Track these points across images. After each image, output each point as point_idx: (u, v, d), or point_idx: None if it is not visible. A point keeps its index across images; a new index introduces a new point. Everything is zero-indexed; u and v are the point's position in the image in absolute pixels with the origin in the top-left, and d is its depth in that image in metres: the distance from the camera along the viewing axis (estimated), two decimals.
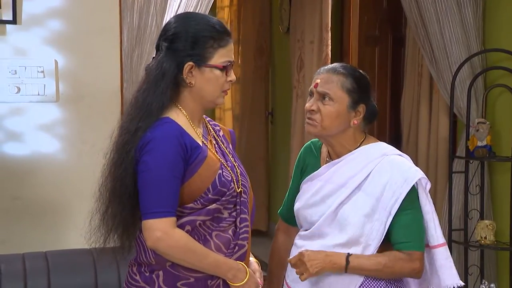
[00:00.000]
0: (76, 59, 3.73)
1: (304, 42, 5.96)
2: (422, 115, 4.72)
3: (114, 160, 2.33)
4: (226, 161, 2.44)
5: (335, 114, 2.57)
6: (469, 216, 4.25)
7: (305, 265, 2.48)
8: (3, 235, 3.66)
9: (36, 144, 3.69)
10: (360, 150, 2.63)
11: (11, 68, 3.62)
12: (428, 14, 4.27)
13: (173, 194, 2.28)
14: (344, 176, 2.60)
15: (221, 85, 2.39)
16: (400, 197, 2.51)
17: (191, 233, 2.33)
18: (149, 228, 2.26)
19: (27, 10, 3.64)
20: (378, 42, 4.81)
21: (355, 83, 2.60)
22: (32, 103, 3.67)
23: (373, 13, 4.72)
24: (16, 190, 3.67)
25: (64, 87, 3.71)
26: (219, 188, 2.34)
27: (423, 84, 4.71)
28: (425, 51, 4.36)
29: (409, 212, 2.53)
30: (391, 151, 2.64)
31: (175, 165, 2.28)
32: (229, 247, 2.38)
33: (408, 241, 2.52)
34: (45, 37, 3.68)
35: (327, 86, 2.58)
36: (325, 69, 2.64)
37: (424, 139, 4.72)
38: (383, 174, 2.56)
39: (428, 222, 2.57)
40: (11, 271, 3.08)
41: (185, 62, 2.34)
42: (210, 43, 2.34)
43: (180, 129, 2.32)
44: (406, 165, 2.59)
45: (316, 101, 2.60)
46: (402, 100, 4.89)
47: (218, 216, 2.37)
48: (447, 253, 2.60)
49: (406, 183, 2.53)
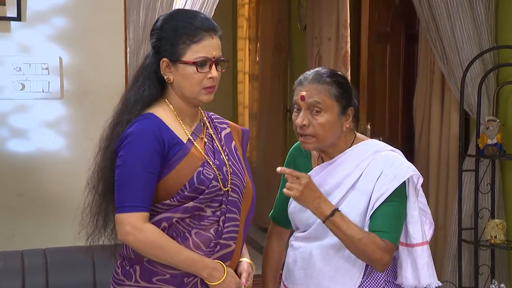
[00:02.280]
0: (80, 56, 3.73)
1: (322, 39, 5.92)
2: (434, 113, 4.67)
3: (97, 154, 2.36)
4: (215, 159, 2.41)
5: (328, 124, 2.51)
6: (480, 215, 4.19)
7: (299, 187, 2.43)
8: (8, 231, 3.69)
9: (40, 141, 3.70)
10: (352, 149, 2.59)
11: (16, 65, 3.64)
12: (439, 10, 4.21)
13: (146, 189, 2.28)
14: (338, 177, 2.56)
15: (199, 81, 2.36)
16: (386, 192, 2.47)
17: (168, 230, 2.33)
18: (120, 222, 2.28)
19: (31, 7, 3.65)
20: (390, 39, 4.75)
21: (341, 89, 2.54)
22: (37, 100, 3.69)
23: (384, 10, 4.66)
24: (21, 187, 3.69)
25: (68, 84, 3.72)
26: (196, 185, 2.32)
27: (435, 82, 4.67)
28: (436, 48, 4.31)
29: (392, 204, 2.48)
30: (383, 147, 2.60)
31: (150, 160, 2.28)
32: (208, 246, 2.35)
33: (386, 231, 2.46)
34: (50, 34, 3.69)
35: (316, 97, 2.51)
36: (308, 80, 2.55)
37: (435, 137, 4.68)
38: (376, 171, 2.52)
39: (413, 218, 2.52)
40: (10, 268, 3.10)
41: (161, 58, 2.35)
42: (183, 39, 2.33)
43: (160, 124, 2.32)
44: (399, 161, 2.54)
45: (306, 114, 2.52)
46: (415, 98, 4.83)
47: (200, 214, 2.35)
48: (429, 252, 2.56)
49: (395, 179, 2.49)
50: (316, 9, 5.98)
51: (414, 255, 2.53)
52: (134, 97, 2.37)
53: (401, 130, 4.88)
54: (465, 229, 4.22)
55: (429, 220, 2.67)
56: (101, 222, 2.43)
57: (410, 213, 2.52)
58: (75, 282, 3.11)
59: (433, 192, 4.73)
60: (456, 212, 4.28)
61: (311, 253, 2.59)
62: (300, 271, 2.63)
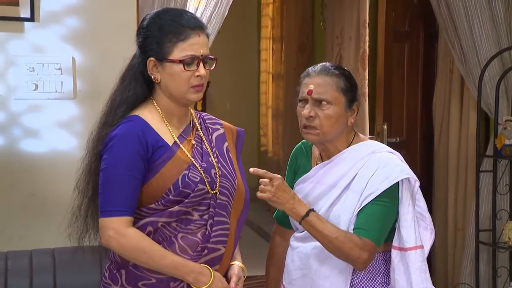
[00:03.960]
0: (93, 56, 3.73)
1: (343, 38, 5.89)
2: (453, 113, 4.62)
3: (85, 156, 2.35)
4: (202, 161, 2.38)
5: (334, 117, 2.51)
6: (498, 216, 4.13)
7: (271, 189, 2.42)
8: (20, 230, 3.70)
9: (53, 141, 3.71)
10: (350, 149, 2.58)
11: (29, 65, 3.65)
12: (456, 9, 4.17)
13: (129, 193, 2.26)
14: (334, 176, 2.55)
15: (186, 80, 2.33)
16: (375, 192, 2.44)
17: (154, 234, 2.30)
18: (102, 226, 2.27)
19: (45, 8, 3.66)
20: (408, 38, 4.70)
21: (348, 82, 2.53)
22: (50, 100, 3.69)
23: (402, 8, 4.60)
24: (33, 187, 3.70)
25: (81, 84, 3.73)
26: (180, 189, 2.29)
27: (454, 81, 4.62)
28: (454, 48, 4.26)
29: (380, 204, 2.45)
30: (380, 148, 2.57)
31: (132, 163, 2.25)
32: (195, 250, 2.32)
33: (366, 228, 2.43)
34: (63, 34, 3.70)
35: (322, 90, 2.50)
36: (315, 71, 2.54)
37: (454, 137, 4.63)
38: (370, 171, 2.50)
39: (406, 222, 2.48)
40: (18, 268, 3.12)
41: (148, 57, 2.33)
42: (169, 38, 2.30)
43: (145, 126, 2.30)
44: (393, 163, 2.51)
45: (312, 106, 2.51)
46: (434, 98, 4.78)
47: (187, 218, 2.32)
48: (423, 256, 2.51)
49: (387, 180, 2.46)
50: (338, 9, 5.95)
51: (407, 259, 2.49)
52: (119, 98, 2.36)
53: (420, 130, 4.82)
54: (482, 231, 4.17)
55: (430, 227, 2.63)
56: (91, 224, 2.41)
57: (404, 216, 2.49)
58: (82, 282, 3.11)
59: (451, 193, 4.68)
60: (473, 214, 4.22)
61: (308, 253, 2.58)
62: (297, 271, 2.62)
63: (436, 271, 4.82)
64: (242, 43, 8.54)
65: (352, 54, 5.67)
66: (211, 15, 3.87)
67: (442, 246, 4.76)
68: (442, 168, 4.73)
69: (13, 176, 3.70)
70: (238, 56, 8.53)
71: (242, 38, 8.53)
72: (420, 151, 4.83)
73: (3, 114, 3.66)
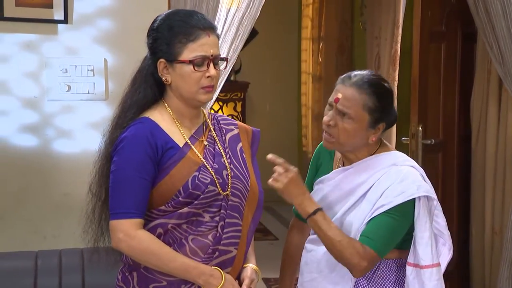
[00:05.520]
0: (125, 58, 3.77)
1: (381, 39, 5.84)
2: (491, 113, 4.54)
3: (98, 158, 2.36)
4: (214, 162, 2.37)
5: (352, 132, 2.49)
6: None
7: (284, 180, 2.41)
8: (54, 229, 3.76)
9: (85, 141, 3.75)
10: (371, 158, 2.56)
11: (62, 67, 3.70)
12: (494, 8, 4.08)
13: (139, 195, 2.25)
14: (352, 183, 2.53)
15: (197, 81, 2.32)
16: (388, 205, 2.42)
17: (164, 236, 2.30)
18: (113, 229, 2.27)
19: (78, 10, 3.71)
20: (445, 38, 4.62)
21: (378, 102, 2.49)
22: (82, 101, 3.74)
23: (438, 8, 4.52)
24: (66, 186, 3.75)
25: (113, 85, 3.77)
26: (190, 190, 2.28)
27: (492, 82, 4.53)
28: (491, 48, 4.18)
29: (390, 216, 2.43)
30: (402, 161, 2.54)
31: (142, 165, 2.25)
32: (206, 252, 2.31)
33: (371, 238, 2.41)
34: (95, 36, 3.75)
35: (348, 104, 2.47)
36: (350, 81, 2.50)
37: (492, 139, 4.54)
38: (386, 183, 2.48)
39: (423, 240, 2.45)
40: (47, 267, 3.15)
41: (158, 59, 2.33)
42: (179, 39, 2.30)
43: (155, 128, 2.30)
44: (411, 179, 2.47)
45: (335, 115, 2.50)
46: (472, 98, 4.70)
47: (198, 220, 2.31)
48: (439, 274, 2.48)
49: (402, 195, 2.43)
50: (376, 9, 5.90)
51: (422, 277, 2.46)
52: (130, 100, 2.36)
53: (457, 131, 4.74)
54: None
55: (448, 243, 2.59)
56: (105, 226, 2.41)
57: (420, 233, 2.45)
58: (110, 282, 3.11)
59: (489, 195, 4.60)
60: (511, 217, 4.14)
61: (320, 257, 2.57)
62: (309, 274, 2.61)
63: (472, 276, 4.74)
64: (283, 44, 8.52)
65: (387, 55, 5.63)
66: (242, 16, 3.88)
67: (479, 250, 4.68)
68: (479, 170, 4.65)
69: (46, 176, 3.76)
70: (278, 57, 8.52)
71: (282, 39, 8.51)
72: (457, 153, 4.76)
73: (37, 115, 3.72)
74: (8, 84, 3.68)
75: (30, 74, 3.69)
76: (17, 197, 3.74)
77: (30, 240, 3.71)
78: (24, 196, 3.74)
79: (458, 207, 4.76)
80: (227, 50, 3.83)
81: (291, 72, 8.44)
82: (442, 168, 4.64)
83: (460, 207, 4.77)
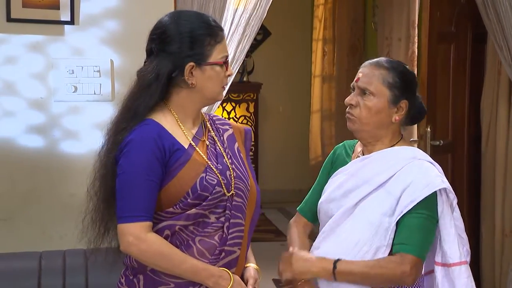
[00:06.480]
0: (131, 59, 3.75)
1: (392, 39, 5.83)
2: (501, 115, 4.51)
3: (97, 160, 2.34)
4: (217, 163, 2.36)
5: (374, 109, 2.50)
6: None
7: (291, 265, 2.41)
8: (61, 230, 3.75)
9: (92, 142, 3.67)
10: (391, 149, 2.55)
11: (69, 68, 3.70)
12: (503, 9, 4.05)
13: (147, 198, 2.23)
14: (370, 172, 2.52)
15: (222, 80, 2.36)
16: (416, 200, 2.40)
17: (171, 238, 2.29)
18: (122, 233, 2.25)
19: (84, 11, 3.71)
20: (454, 39, 4.59)
21: (398, 78, 2.51)
22: (89, 102, 3.75)
23: (447, 8, 4.50)
24: (72, 187, 3.74)
25: (119, 87, 3.76)
26: (199, 192, 2.27)
27: (502, 83, 4.50)
28: (501, 50, 4.15)
29: (419, 216, 2.41)
30: (422, 156, 2.55)
31: (149, 168, 2.23)
32: (213, 253, 2.30)
33: (406, 243, 2.40)
34: (102, 37, 3.75)
35: (368, 80, 2.51)
36: (369, 63, 2.58)
37: (502, 141, 4.51)
38: (408, 176, 2.46)
39: (449, 237, 2.44)
40: (51, 267, 3.16)
41: (186, 63, 2.29)
42: (208, 41, 2.30)
43: (160, 130, 2.28)
44: (433, 172, 2.48)
45: (356, 95, 2.53)
46: (482, 100, 4.67)
47: (204, 221, 2.31)
48: (468, 272, 2.46)
49: (427, 188, 2.42)
50: (387, 9, 5.89)
51: (451, 275, 2.44)
52: (143, 104, 2.32)
53: (467, 133, 4.72)
54: None
55: (466, 248, 2.56)
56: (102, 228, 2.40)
57: (446, 230, 2.45)
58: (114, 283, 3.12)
59: (499, 197, 4.56)
60: None
61: None
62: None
63: (483, 279, 4.71)
64: (296, 44, 8.50)
65: (402, 55, 5.60)
66: (249, 17, 3.88)
67: (489, 252, 4.65)
68: (489, 171, 4.62)
69: (53, 177, 3.77)
70: (290, 58, 8.50)
71: (295, 40, 8.50)
72: (467, 154, 4.73)
73: (44, 116, 3.73)
74: (15, 85, 3.69)
75: (36, 75, 3.70)
76: (24, 198, 3.75)
77: (38, 241, 3.71)
78: (31, 197, 3.75)
79: (468, 209, 4.73)
80: (234, 50, 3.83)
81: (304, 73, 8.41)
82: (451, 170, 4.62)
83: (470, 209, 4.74)
